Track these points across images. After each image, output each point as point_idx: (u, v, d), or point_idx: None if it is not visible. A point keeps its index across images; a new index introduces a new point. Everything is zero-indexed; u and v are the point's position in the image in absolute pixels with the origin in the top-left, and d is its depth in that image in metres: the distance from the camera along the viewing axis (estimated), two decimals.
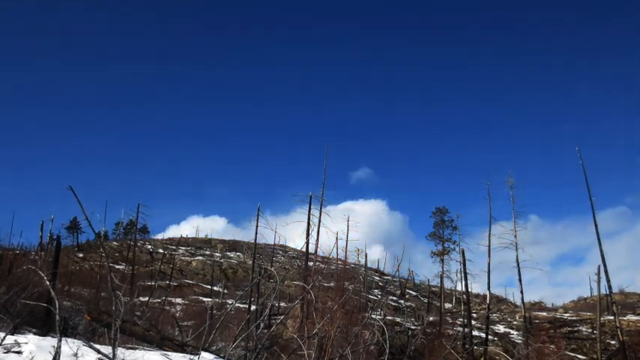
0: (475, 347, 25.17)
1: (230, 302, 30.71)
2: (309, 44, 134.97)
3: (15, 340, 6.54)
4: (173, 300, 34.16)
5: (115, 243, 56.47)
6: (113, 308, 6.47)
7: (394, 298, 47.18)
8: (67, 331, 10.35)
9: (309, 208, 25.96)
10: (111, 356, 5.89)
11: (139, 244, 52.58)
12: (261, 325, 9.09)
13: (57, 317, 5.89)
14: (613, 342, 29.50)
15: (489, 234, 27.58)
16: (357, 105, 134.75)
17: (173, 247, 60.50)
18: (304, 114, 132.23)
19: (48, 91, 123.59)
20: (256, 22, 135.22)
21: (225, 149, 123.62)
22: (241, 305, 29.27)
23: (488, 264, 27.65)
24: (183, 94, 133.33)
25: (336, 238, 29.65)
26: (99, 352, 6.16)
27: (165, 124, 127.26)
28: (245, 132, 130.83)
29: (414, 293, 54.50)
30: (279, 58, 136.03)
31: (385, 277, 58.67)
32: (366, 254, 45.28)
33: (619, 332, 23.44)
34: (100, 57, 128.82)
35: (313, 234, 26.07)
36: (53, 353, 5.56)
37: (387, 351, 8.02)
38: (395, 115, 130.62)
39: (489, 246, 27.42)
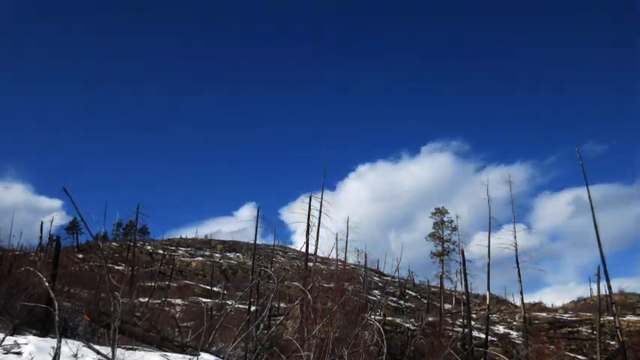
0: (475, 348, 25.16)
1: (230, 303, 30.69)
2: (310, 44, 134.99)
3: (15, 341, 6.55)
4: (173, 301, 34.12)
5: (114, 244, 56.46)
6: (112, 309, 6.47)
7: (394, 298, 47.19)
8: (66, 332, 10.35)
9: (309, 209, 26.01)
10: (110, 356, 5.89)
11: (138, 244, 52.55)
12: (261, 325, 9.10)
13: (56, 318, 5.89)
14: (613, 342, 29.53)
15: (489, 234, 27.64)
16: (355, 105, 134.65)
17: (173, 247, 60.47)
18: (305, 113, 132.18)
19: (49, 91, 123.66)
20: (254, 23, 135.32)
21: (225, 149, 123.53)
22: (241, 306, 29.25)
23: (488, 264, 27.70)
24: (181, 96, 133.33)
25: (336, 238, 29.72)
26: (98, 352, 6.16)
27: (164, 126, 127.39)
28: (245, 131, 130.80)
29: (413, 294, 54.51)
30: (280, 56, 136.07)
31: (385, 278, 58.68)
32: (366, 254, 45.33)
33: (619, 333, 23.45)
34: (104, 56, 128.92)
35: (313, 234, 26.13)
36: (53, 354, 5.56)
37: (385, 351, 8.03)
38: (391, 113, 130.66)
39: (489, 246, 27.48)
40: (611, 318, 27.29)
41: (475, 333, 28.23)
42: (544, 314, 40.80)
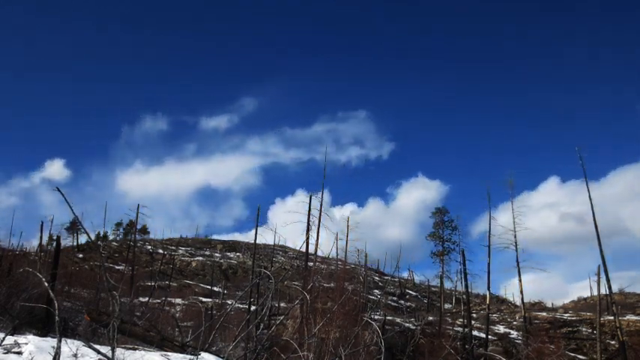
0: (475, 347, 25.16)
1: (230, 303, 30.71)
2: (311, 36, 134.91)
3: (15, 341, 6.55)
4: (173, 300, 34.13)
5: (114, 243, 56.49)
6: (110, 309, 6.47)
7: (394, 298, 47.21)
8: (66, 331, 10.36)
9: (309, 209, 26.03)
10: (110, 356, 5.89)
11: (138, 244, 52.56)
12: (261, 325, 9.11)
13: (56, 318, 5.90)
14: (613, 342, 29.51)
15: (489, 234, 27.66)
16: (355, 103, 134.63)
17: (173, 247, 60.49)
18: (303, 111, 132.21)
19: (49, 89, 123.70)
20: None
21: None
22: (241, 306, 29.26)
23: (488, 264, 27.74)
24: (180, 95, 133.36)
25: (336, 238, 29.70)
26: (99, 352, 6.16)
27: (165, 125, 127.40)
28: (245, 131, 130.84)
29: (413, 293, 54.53)
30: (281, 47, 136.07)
31: (385, 277, 58.71)
32: (366, 254, 45.31)
33: (619, 332, 23.46)
34: (116, 66, 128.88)
35: (313, 234, 26.14)
36: (53, 354, 5.56)
37: (383, 350, 8.05)
38: (390, 113, 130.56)
39: (489, 246, 27.51)
40: (612, 318, 27.31)
41: (475, 333, 28.22)
42: (544, 314, 40.76)
